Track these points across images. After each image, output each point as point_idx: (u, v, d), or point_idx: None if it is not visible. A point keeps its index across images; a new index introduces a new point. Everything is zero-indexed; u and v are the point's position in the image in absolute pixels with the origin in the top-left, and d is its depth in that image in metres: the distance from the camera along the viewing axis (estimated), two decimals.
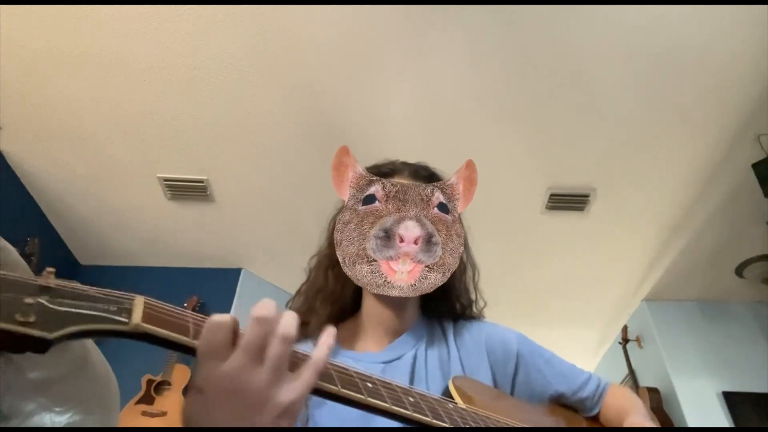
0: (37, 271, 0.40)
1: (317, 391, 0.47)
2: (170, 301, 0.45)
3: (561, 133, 2.37)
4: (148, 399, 2.56)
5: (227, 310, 2.97)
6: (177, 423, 2.49)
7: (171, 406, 2.54)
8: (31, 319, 0.34)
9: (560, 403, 0.85)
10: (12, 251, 0.47)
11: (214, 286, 3.09)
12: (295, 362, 0.46)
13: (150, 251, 3.12)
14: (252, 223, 2.91)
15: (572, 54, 2.05)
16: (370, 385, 0.51)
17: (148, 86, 2.19)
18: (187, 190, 2.68)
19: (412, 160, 0.95)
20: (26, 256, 2.54)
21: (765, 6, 1.85)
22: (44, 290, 0.36)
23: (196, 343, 0.43)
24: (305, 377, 0.45)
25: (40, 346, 0.35)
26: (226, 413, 0.43)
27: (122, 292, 0.42)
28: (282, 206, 2.77)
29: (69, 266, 3.11)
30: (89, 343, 0.55)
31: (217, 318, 0.44)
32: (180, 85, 2.19)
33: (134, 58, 2.09)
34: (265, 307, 0.44)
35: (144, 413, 2.50)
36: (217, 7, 1.93)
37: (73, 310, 0.37)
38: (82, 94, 2.22)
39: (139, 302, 0.41)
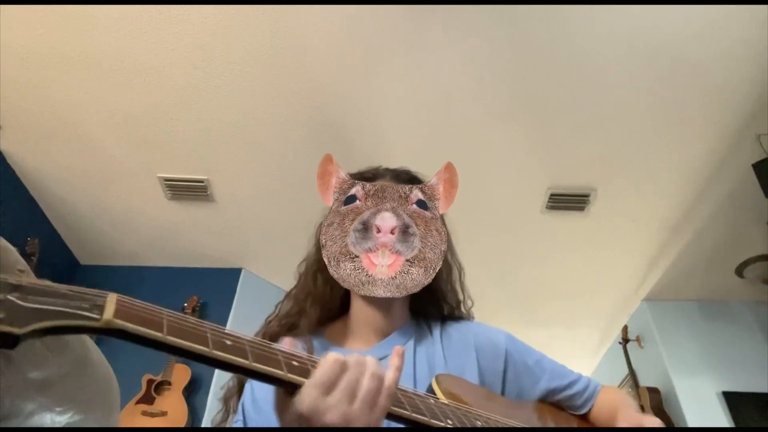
0: (37, 270, 0.40)
1: (293, 385, 0.48)
2: (170, 300, 0.45)
3: (561, 133, 2.37)
4: (148, 399, 2.56)
5: (227, 310, 2.98)
6: (177, 423, 2.49)
7: (171, 406, 2.54)
8: (1, 315, 0.34)
9: (549, 401, 0.85)
10: (12, 251, 0.47)
11: (214, 286, 3.09)
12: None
13: (150, 251, 3.12)
14: (252, 223, 2.91)
15: (572, 54, 2.05)
16: None
17: (148, 86, 2.20)
18: (187, 190, 2.68)
19: (408, 162, 0.98)
20: (26, 256, 2.54)
21: (765, 6, 1.85)
22: (15, 288, 0.37)
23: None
24: (382, 404, 0.50)
25: (9, 341, 0.35)
26: None
27: (97, 290, 0.42)
28: (282, 206, 2.77)
29: (69, 266, 3.11)
30: (90, 342, 0.55)
31: (341, 357, 0.49)
32: (180, 85, 2.20)
33: (134, 58, 2.09)
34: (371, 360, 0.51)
35: (144, 413, 2.50)
36: (218, 7, 1.93)
37: (44, 306, 0.37)
38: (82, 94, 2.22)
39: (111, 299, 0.41)
